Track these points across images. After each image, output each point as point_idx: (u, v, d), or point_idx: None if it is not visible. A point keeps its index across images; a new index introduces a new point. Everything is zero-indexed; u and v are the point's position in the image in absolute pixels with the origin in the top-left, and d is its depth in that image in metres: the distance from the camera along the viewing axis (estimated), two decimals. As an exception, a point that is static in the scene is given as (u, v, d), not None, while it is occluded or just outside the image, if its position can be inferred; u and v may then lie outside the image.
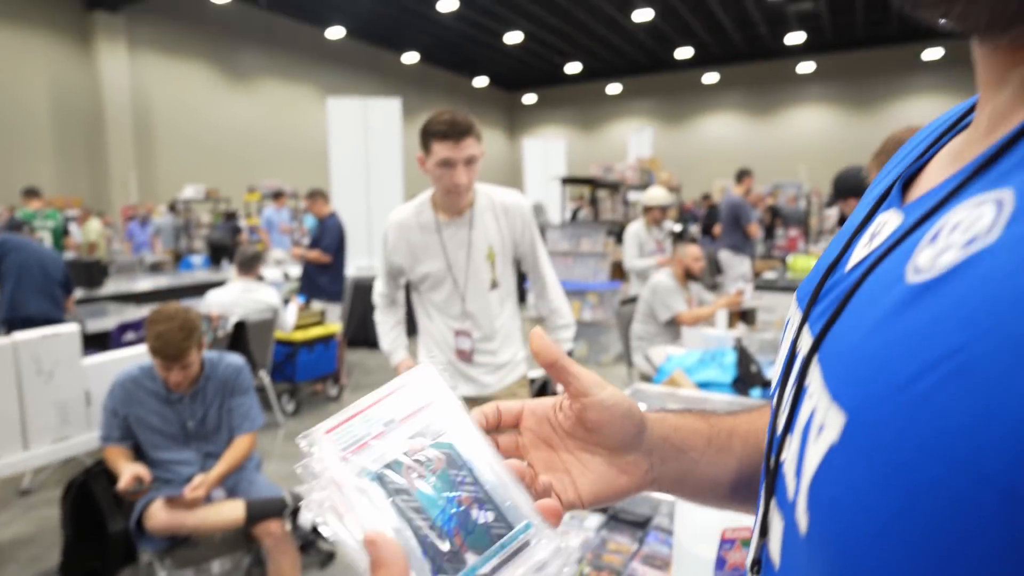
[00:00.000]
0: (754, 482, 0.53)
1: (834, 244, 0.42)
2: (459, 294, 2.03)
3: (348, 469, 0.39)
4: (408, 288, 2.25)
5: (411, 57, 18.19)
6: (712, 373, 2.89)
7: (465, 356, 2.06)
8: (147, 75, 12.68)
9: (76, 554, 2.62)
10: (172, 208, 10.88)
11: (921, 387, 0.24)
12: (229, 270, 7.71)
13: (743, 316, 4.50)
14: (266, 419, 4.09)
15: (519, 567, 0.36)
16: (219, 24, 13.92)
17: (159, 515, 2.13)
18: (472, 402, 2.08)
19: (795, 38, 16.55)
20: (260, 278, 4.68)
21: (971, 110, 0.37)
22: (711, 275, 6.95)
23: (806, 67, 18.34)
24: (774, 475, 0.37)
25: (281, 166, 14.62)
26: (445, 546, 0.36)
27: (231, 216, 9.69)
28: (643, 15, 14.46)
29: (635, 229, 5.29)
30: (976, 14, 0.27)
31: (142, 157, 12.60)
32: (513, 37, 16.37)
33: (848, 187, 3.02)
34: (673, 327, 4.04)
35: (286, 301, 4.95)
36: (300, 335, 4.72)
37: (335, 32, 15.56)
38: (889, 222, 0.35)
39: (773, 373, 0.45)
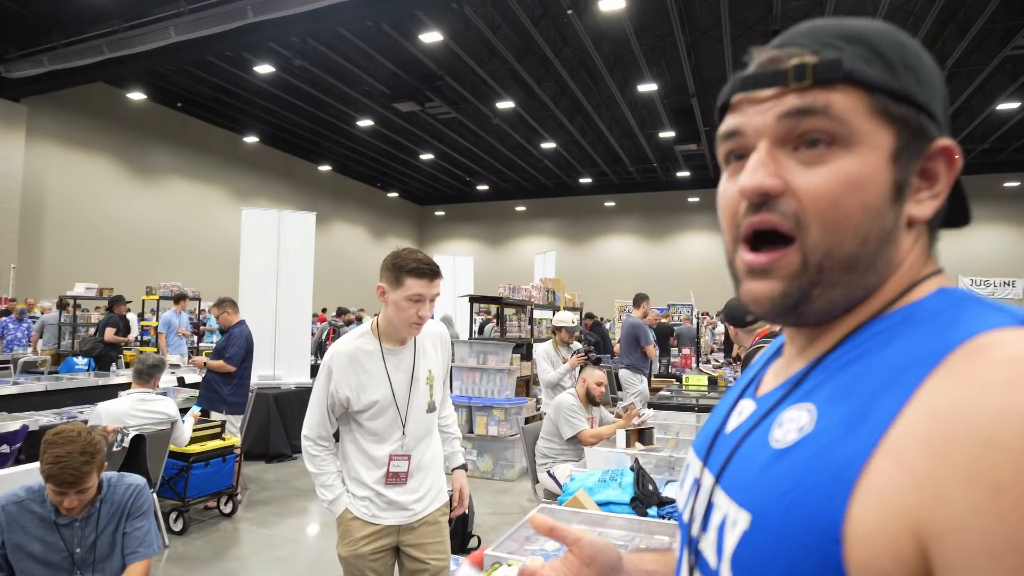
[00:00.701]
0: None
1: (716, 417, 0.68)
2: (400, 420, 2.07)
3: None
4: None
5: (325, 167, 18.60)
6: (612, 493, 3.07)
7: (400, 479, 2.07)
8: (44, 164, 12.24)
9: None
10: (61, 305, 10.21)
11: (788, 500, 0.46)
12: (116, 376, 7.27)
13: (640, 435, 4.77)
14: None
15: None
16: (131, 121, 13.82)
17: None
18: (397, 531, 2.11)
19: (684, 173, 18.41)
20: (164, 393, 4.50)
21: (779, 348, 0.69)
22: (611, 392, 7.29)
23: (694, 198, 20.29)
24: (695, 558, 0.58)
25: (184, 268, 14.17)
26: None
27: (117, 302, 8.82)
28: (548, 145, 15.73)
29: (545, 348, 5.64)
30: (793, 322, 0.57)
31: (26, 248, 11.89)
32: (426, 156, 17.21)
33: (733, 316, 3.41)
34: (576, 445, 4.23)
35: (182, 412, 4.75)
36: (196, 448, 4.52)
37: (250, 138, 15.79)
38: (748, 407, 0.61)
39: (680, 497, 0.70)
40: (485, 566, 2.23)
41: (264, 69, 11.03)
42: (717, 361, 9.57)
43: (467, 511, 4.13)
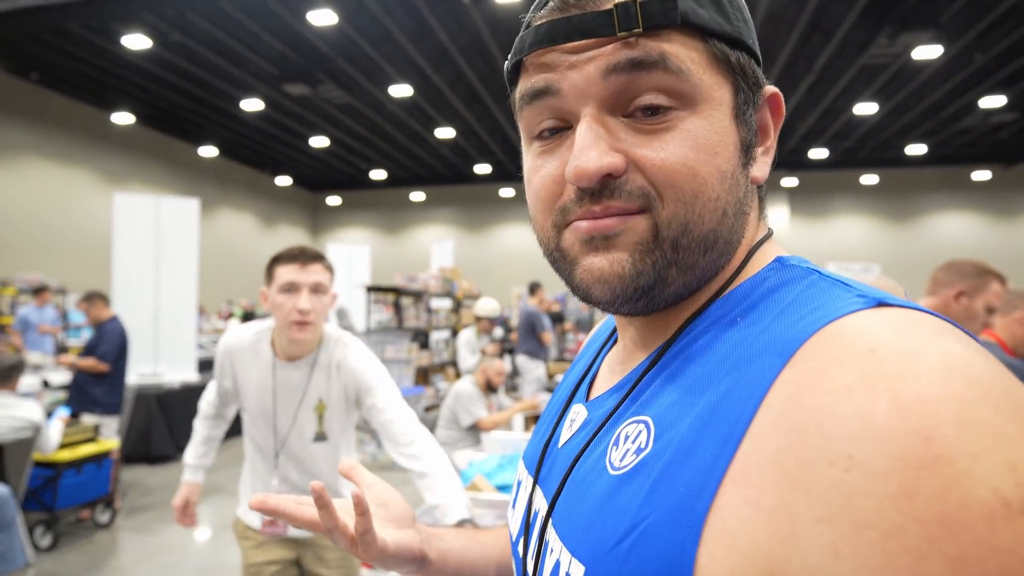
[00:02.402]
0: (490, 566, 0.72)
1: (545, 423, 0.60)
2: (274, 440, 1.90)
3: None
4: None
5: (209, 151, 17.53)
6: (509, 476, 3.14)
7: (277, 527, 1.94)
8: None
9: None
10: None
11: (625, 546, 0.37)
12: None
13: (537, 420, 4.92)
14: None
15: None
16: (-25, 94, 12.36)
17: None
18: (295, 544, 2.04)
19: (577, 165, 18.88)
20: (26, 394, 4.12)
21: (614, 330, 0.59)
22: (509, 378, 7.43)
23: (587, 190, 20.87)
24: None
25: (46, 258, 12.88)
26: None
27: None
28: (445, 132, 15.63)
29: (467, 336, 5.71)
30: (642, 310, 0.46)
31: None
32: (318, 141, 16.63)
33: None
34: (475, 432, 4.29)
35: (49, 415, 4.37)
36: (66, 455, 4.17)
37: (122, 117, 14.58)
38: (580, 414, 0.53)
39: (512, 522, 0.59)
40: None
41: (137, 43, 10.19)
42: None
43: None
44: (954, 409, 0.28)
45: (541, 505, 0.51)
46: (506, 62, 0.49)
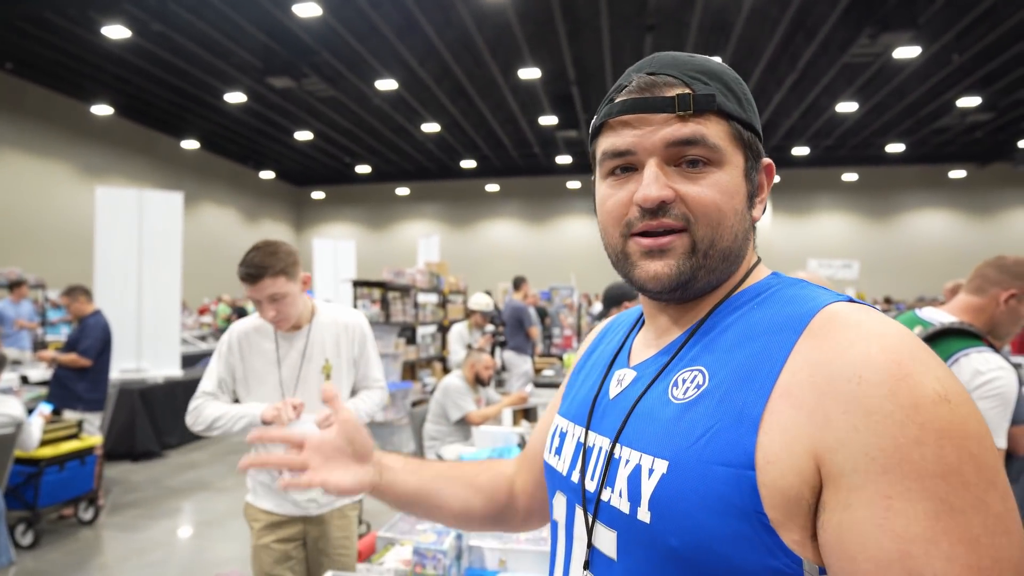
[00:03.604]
0: (421, 500, 0.91)
1: (587, 386, 0.78)
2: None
3: None
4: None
5: (191, 144, 17.30)
6: (500, 471, 3.17)
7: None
8: None
9: None
10: None
11: (702, 442, 0.57)
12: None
13: (526, 414, 4.93)
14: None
15: None
16: (-50, 85, 12.08)
17: None
18: (302, 522, 2.12)
19: (564, 159, 18.92)
20: (5, 390, 4.05)
21: (639, 318, 0.81)
22: (497, 373, 7.44)
23: (574, 184, 20.92)
24: (596, 509, 0.66)
25: (24, 252, 12.63)
26: None
27: None
28: (431, 127, 15.57)
29: (459, 330, 5.69)
30: (679, 298, 0.69)
31: None
32: (303, 135, 16.48)
33: (618, 295, 3.57)
34: (464, 426, 4.30)
35: (30, 411, 4.30)
36: (48, 451, 4.12)
37: (101, 109, 14.34)
38: (627, 375, 0.72)
39: (560, 462, 0.75)
40: (377, 548, 2.23)
41: (116, 32, 10.01)
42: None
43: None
44: (908, 349, 0.53)
45: (601, 441, 0.69)
46: (593, 120, 0.72)
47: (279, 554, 2.10)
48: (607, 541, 0.64)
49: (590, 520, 0.66)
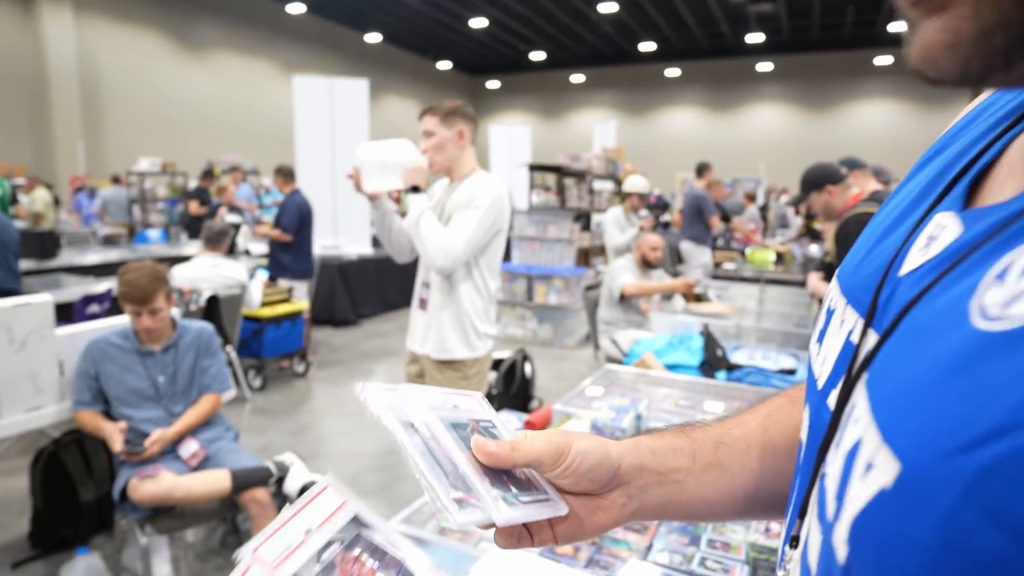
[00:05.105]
0: (759, 494, 0.54)
1: (889, 238, 0.40)
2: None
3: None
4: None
5: (374, 37, 17.90)
6: (680, 356, 3.03)
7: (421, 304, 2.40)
8: (96, 41, 12.13)
9: (46, 522, 2.60)
10: (116, 179, 10.49)
11: (990, 454, 0.22)
12: (188, 245, 7.53)
13: (698, 300, 4.68)
14: (235, 393, 4.08)
15: None
16: (174, -8, 13.42)
17: (145, 487, 2.14)
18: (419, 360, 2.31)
19: (755, 38, 16.95)
20: (231, 252, 4.62)
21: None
22: (672, 265, 7.15)
23: (765, 66, 18.82)
24: (815, 475, 0.36)
25: (240, 142, 14.24)
26: None
27: (205, 177, 9.30)
28: (608, 7, 14.59)
29: (615, 214, 5.49)
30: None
31: (90, 127, 12.09)
32: (478, 22, 16.30)
33: (820, 177, 3.10)
34: (638, 313, 4.18)
35: (251, 277, 4.90)
36: (267, 312, 4.69)
37: (295, 7, 15.19)
38: (948, 228, 0.33)
39: (821, 365, 0.41)
40: (554, 421, 2.25)
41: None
42: (784, 236, 9.21)
43: (528, 377, 4.23)
44: None
45: (868, 342, 0.35)
46: None
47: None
48: (813, 543, 0.35)
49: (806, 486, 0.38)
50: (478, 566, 1.16)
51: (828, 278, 3.08)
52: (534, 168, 6.62)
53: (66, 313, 3.91)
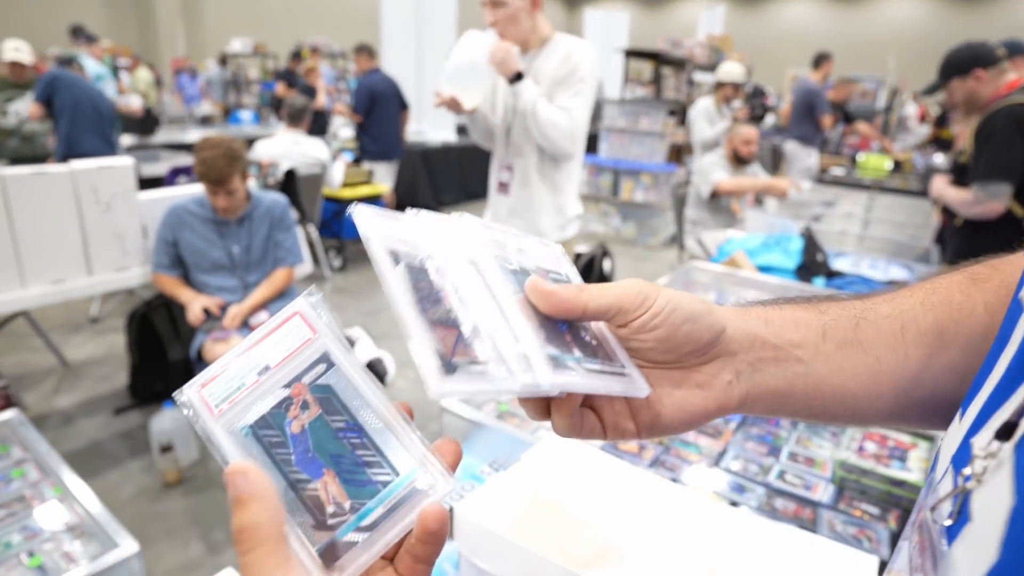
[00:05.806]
0: (916, 392, 0.38)
1: None
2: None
3: (221, 426, 0.35)
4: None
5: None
6: (775, 258, 2.77)
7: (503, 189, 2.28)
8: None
9: (141, 377, 2.79)
10: (222, 61, 10.64)
11: None
12: (277, 127, 7.61)
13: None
14: (314, 271, 4.16)
15: (404, 516, 0.33)
16: None
17: (218, 349, 2.20)
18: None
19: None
20: (317, 130, 4.60)
21: None
22: (773, 166, 6.60)
23: (904, -53, 16.44)
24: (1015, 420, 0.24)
25: (327, 23, 14.08)
26: (327, 498, 0.34)
27: (290, 74, 9.34)
28: None
29: (704, 105, 4.97)
30: None
31: (189, 8, 12.22)
32: None
33: (970, 57, 2.58)
34: (726, 211, 3.87)
35: (334, 158, 4.89)
36: (348, 192, 4.69)
37: None
38: None
39: None
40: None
41: None
42: (903, 143, 8.28)
43: (606, 275, 4.08)
44: None
45: None
46: None
47: None
48: (999, 505, 0.24)
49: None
50: (530, 452, 1.07)
51: (959, 182, 2.66)
52: (630, 54, 6.12)
53: (158, 185, 4.04)
